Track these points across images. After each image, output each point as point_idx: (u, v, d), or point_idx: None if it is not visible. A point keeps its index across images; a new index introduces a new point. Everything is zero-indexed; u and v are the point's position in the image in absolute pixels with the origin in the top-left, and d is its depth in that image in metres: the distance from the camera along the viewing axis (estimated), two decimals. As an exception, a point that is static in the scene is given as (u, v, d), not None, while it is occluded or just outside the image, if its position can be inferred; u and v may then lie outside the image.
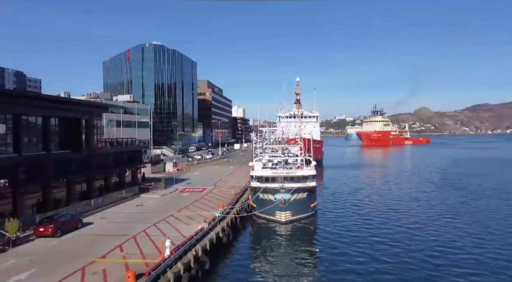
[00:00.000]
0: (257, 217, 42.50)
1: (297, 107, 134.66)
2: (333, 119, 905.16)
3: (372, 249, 31.72)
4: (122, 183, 46.36)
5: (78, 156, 37.28)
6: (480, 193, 58.83)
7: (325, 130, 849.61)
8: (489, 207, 47.95)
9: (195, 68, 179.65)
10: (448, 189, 62.95)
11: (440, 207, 48.63)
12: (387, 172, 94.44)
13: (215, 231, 30.77)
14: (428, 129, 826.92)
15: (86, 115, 39.02)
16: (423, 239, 34.41)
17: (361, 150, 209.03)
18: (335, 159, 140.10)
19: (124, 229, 30.43)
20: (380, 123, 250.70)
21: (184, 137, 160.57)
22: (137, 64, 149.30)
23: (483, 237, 34.58)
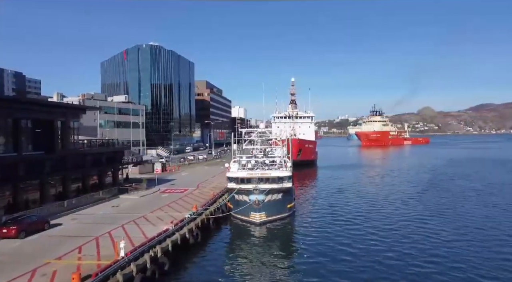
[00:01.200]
0: (234, 218, 42.71)
1: (292, 108, 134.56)
2: (336, 119, 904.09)
3: (348, 250, 31.90)
4: (101, 184, 46.55)
5: (52, 157, 37.52)
6: (462, 194, 58.64)
7: (328, 130, 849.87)
8: (466, 209, 47.81)
9: (193, 68, 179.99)
10: (432, 191, 62.72)
11: (420, 208, 48.54)
12: (377, 172, 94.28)
13: (180, 232, 30.92)
14: (431, 129, 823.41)
15: (62, 117, 39.31)
16: (399, 240, 34.45)
17: (359, 150, 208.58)
18: (331, 159, 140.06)
19: (90, 230, 30.64)
20: (379, 123, 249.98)
21: (181, 137, 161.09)
22: (133, 64, 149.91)
23: (454, 238, 34.54)
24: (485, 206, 49.54)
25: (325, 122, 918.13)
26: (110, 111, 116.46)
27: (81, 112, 43.78)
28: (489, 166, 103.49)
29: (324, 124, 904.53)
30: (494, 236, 35.23)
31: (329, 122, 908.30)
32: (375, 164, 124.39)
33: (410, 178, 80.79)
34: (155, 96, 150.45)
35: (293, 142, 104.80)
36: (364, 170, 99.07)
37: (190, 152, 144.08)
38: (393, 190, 64.21)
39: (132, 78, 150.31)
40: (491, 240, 33.97)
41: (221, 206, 43.52)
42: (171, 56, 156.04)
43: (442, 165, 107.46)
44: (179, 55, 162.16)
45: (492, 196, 56.70)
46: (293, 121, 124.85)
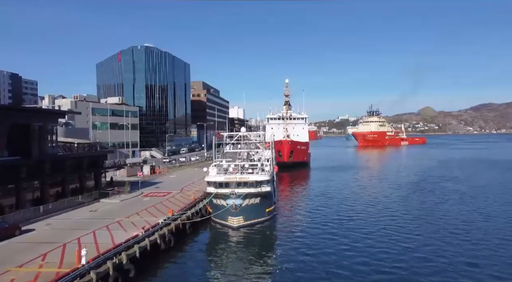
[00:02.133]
0: (213, 222, 42.80)
1: (286, 109, 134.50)
2: (336, 119, 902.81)
3: (325, 255, 32.14)
4: (82, 188, 46.64)
5: (28, 162, 37.58)
6: (442, 197, 58.61)
7: (328, 130, 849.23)
8: (442, 212, 47.96)
9: (188, 69, 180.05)
10: (412, 195, 62.15)
11: (399, 211, 48.71)
12: (366, 174, 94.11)
13: (150, 238, 30.94)
14: (431, 129, 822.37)
15: (39, 121, 39.38)
16: (375, 245, 34.57)
17: (355, 151, 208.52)
18: (325, 160, 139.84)
19: (60, 237, 30.69)
20: (375, 123, 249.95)
21: (177, 138, 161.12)
22: (128, 66, 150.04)
23: (429, 247, 34.47)
24: (462, 210, 49.49)
25: (325, 122, 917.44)
26: (103, 113, 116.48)
27: (60, 117, 43.90)
28: (478, 167, 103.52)
29: (325, 124, 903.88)
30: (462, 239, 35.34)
31: (329, 122, 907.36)
32: (366, 165, 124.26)
33: (396, 180, 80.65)
34: (150, 97, 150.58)
35: (285, 144, 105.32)
36: (354, 172, 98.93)
37: (185, 153, 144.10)
38: (376, 193, 64.09)
39: (127, 80, 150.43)
40: (463, 244, 34.05)
41: (201, 210, 43.56)
42: (166, 57, 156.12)
43: (431, 167, 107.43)
44: (174, 56, 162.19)
45: (470, 199, 56.78)
46: (287, 123, 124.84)
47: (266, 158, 69.13)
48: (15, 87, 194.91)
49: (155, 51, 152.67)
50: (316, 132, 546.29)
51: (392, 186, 71.79)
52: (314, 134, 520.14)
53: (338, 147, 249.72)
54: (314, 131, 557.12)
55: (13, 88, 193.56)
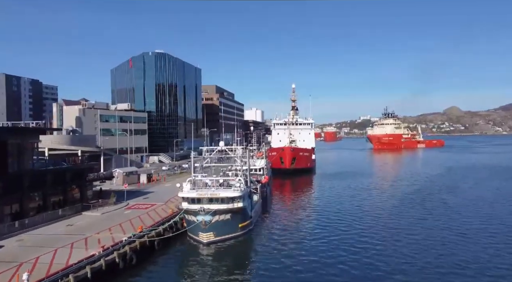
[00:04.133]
0: (188, 237, 43.24)
1: (293, 114, 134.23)
2: (358, 119, 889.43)
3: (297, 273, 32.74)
4: (66, 200, 48.05)
5: (4, 178, 39.08)
6: (439, 211, 56.73)
7: (349, 131, 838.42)
8: (434, 230, 46.43)
9: (199, 74, 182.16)
10: (410, 205, 61.09)
11: (392, 226, 47.95)
12: (369, 183, 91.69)
13: (107, 257, 31.56)
14: (457, 129, 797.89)
15: (17, 139, 40.94)
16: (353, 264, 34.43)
17: (369, 154, 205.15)
18: (334, 165, 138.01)
19: (22, 255, 31.70)
20: (391, 126, 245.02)
21: (187, 142, 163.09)
22: (139, 72, 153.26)
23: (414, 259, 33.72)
24: (452, 226, 47.92)
25: (347, 122, 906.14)
26: (111, 119, 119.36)
27: (40, 133, 45.49)
28: (491, 176, 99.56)
29: (346, 124, 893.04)
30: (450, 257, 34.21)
31: (350, 122, 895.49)
32: (374, 171, 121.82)
33: (398, 190, 78.22)
34: (160, 102, 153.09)
35: (286, 151, 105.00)
36: (359, 180, 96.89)
37: (195, 157, 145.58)
38: (371, 206, 62.31)
39: (138, 85, 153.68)
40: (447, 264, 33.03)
41: (176, 224, 44.05)
42: (176, 62, 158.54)
43: (435, 175, 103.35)
44: (184, 62, 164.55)
45: (464, 213, 54.87)
46: (292, 128, 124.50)
47: (259, 168, 69.85)
48: (36, 93, 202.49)
49: (165, 57, 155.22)
50: (335, 134, 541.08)
51: (391, 198, 69.56)
52: (333, 136, 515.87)
53: (352, 149, 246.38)
54: (334, 132, 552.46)
55: (34, 94, 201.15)
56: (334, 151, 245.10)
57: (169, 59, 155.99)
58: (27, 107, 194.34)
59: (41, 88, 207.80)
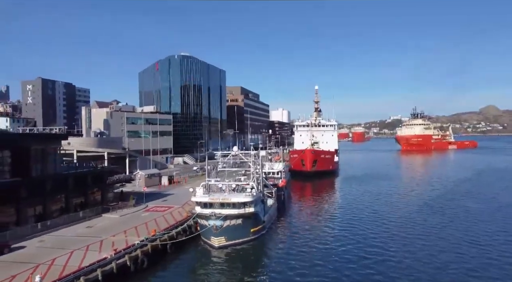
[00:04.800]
0: (201, 240, 44.13)
1: (316, 116, 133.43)
2: (388, 119, 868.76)
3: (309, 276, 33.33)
4: (87, 203, 50.13)
5: (28, 182, 41.34)
6: (458, 220, 54.58)
7: (379, 131, 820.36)
8: (448, 238, 45.00)
9: (224, 76, 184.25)
10: (431, 212, 59.19)
11: (411, 235, 46.34)
12: (393, 186, 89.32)
13: (118, 260, 32.79)
14: (495, 129, 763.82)
15: (40, 145, 43.17)
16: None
17: (396, 156, 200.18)
18: (359, 168, 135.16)
19: (41, 256, 33.48)
20: (420, 127, 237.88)
21: (214, 142, 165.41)
22: (164, 75, 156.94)
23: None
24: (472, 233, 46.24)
25: (376, 122, 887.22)
26: (138, 121, 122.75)
27: (62, 138, 47.76)
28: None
29: (375, 124, 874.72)
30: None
31: (380, 122, 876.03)
32: (399, 174, 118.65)
33: (421, 196, 75.38)
34: (185, 104, 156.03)
35: (307, 153, 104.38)
36: (382, 183, 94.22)
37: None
38: (392, 212, 60.07)
39: (164, 88, 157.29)
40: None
41: (190, 228, 45.02)
42: (201, 65, 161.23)
43: (466, 179, 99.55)
44: (208, 64, 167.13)
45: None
46: (315, 130, 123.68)
47: (277, 171, 70.03)
48: (69, 95, 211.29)
49: (190, 59, 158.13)
50: (363, 134, 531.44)
51: (408, 205, 66.44)
52: (361, 136, 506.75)
53: (380, 151, 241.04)
54: (362, 132, 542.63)
55: (67, 96, 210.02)
56: (360, 152, 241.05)
57: (193, 62, 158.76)
58: (61, 109, 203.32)
59: (74, 91, 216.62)
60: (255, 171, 49.39)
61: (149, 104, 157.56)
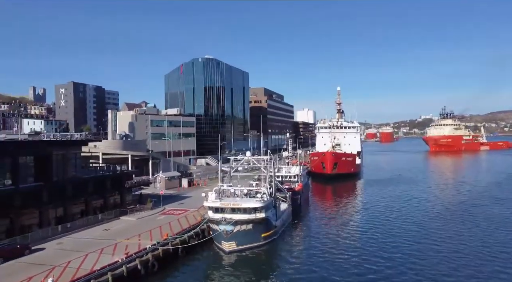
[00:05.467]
0: (214, 244, 44.94)
1: (339, 117, 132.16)
2: (418, 118, 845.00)
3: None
4: (106, 206, 52.12)
5: (50, 186, 43.52)
6: (479, 229, 52.74)
7: (409, 130, 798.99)
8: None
9: (247, 78, 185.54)
10: (452, 220, 57.31)
11: (431, 246, 44.61)
12: (413, 190, 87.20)
13: (129, 264, 33.98)
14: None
15: (61, 150, 45.36)
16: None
17: (424, 157, 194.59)
18: (383, 170, 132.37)
19: (58, 258, 35.21)
20: (449, 127, 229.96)
21: (235, 144, 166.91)
22: (189, 77, 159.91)
23: None
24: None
25: (406, 122, 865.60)
26: (161, 124, 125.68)
27: (82, 144, 49.93)
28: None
29: (405, 124, 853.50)
30: None
31: (410, 122, 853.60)
32: (425, 177, 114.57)
33: (444, 201, 72.99)
34: (208, 106, 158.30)
35: (328, 156, 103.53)
36: (405, 187, 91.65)
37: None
38: (411, 218, 58.39)
39: (188, 90, 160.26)
40: None
41: (203, 232, 45.91)
42: (224, 67, 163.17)
43: (493, 183, 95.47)
44: (231, 66, 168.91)
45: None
46: (337, 132, 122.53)
47: (293, 175, 70.06)
48: (99, 98, 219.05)
49: (213, 62, 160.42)
50: (391, 134, 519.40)
51: (429, 211, 63.90)
52: (389, 136, 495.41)
53: (407, 152, 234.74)
54: (390, 132, 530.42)
55: (97, 99, 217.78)
56: (386, 153, 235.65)
57: (217, 64, 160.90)
58: (91, 111, 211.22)
59: (104, 94, 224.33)
60: (267, 176, 49.77)
61: (174, 105, 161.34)
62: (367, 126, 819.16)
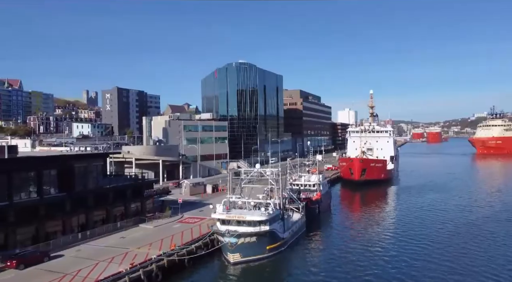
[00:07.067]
0: (222, 255, 46.34)
1: (371, 121, 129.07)
2: (471, 117, 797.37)
3: None
4: (127, 213, 55.32)
5: (72, 197, 47.18)
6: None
7: (460, 130, 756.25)
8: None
9: (281, 81, 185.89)
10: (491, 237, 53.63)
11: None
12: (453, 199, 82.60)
13: (132, 275, 36.17)
14: None
15: (82, 163, 48.97)
16: None
17: (470, 161, 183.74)
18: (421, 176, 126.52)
19: (71, 266, 38.12)
20: (499, 128, 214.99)
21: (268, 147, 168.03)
22: (222, 82, 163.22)
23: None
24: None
25: (457, 121, 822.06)
26: (194, 129, 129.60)
27: (104, 156, 53.44)
28: None
29: (456, 123, 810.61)
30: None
31: (462, 121, 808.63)
32: (467, 184, 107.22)
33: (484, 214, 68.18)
34: (241, 110, 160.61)
35: (355, 162, 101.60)
36: (442, 196, 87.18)
37: (274, 163, 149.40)
38: (442, 233, 55.12)
39: (222, 94, 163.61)
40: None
41: (212, 242, 47.42)
42: (257, 71, 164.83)
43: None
44: (264, 70, 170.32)
45: None
46: (369, 136, 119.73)
47: (312, 183, 69.91)
48: (141, 102, 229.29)
49: (246, 66, 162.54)
50: (439, 134, 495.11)
51: (466, 225, 59.55)
52: (437, 137, 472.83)
53: (452, 154, 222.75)
54: (438, 132, 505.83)
55: (140, 103, 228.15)
56: (430, 156, 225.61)
57: (250, 69, 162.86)
58: (134, 115, 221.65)
59: (146, 98, 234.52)
60: (275, 188, 50.45)
61: (209, 108, 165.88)
62: (415, 125, 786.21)
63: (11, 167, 41.82)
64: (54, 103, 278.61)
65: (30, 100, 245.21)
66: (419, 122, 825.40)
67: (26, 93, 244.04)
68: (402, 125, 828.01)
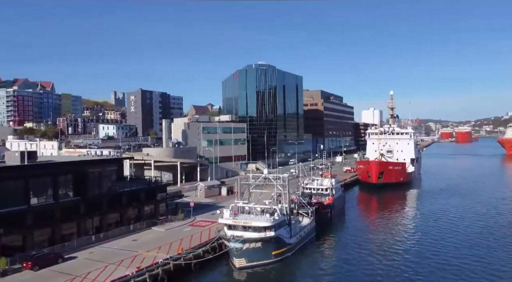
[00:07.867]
0: (229, 260, 47.13)
1: (391, 123, 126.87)
2: (504, 115, 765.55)
3: None
4: (140, 217, 57.08)
5: (86, 201, 49.25)
6: None
7: (493, 129, 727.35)
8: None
9: (301, 82, 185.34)
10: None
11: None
12: (476, 205, 79.50)
13: (137, 278, 37.48)
14: None
15: (96, 168, 51.00)
16: None
17: (498, 162, 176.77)
18: (445, 178, 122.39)
19: (82, 268, 39.85)
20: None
21: (287, 148, 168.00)
22: (242, 83, 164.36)
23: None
24: None
25: (489, 120, 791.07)
26: (213, 131, 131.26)
27: (117, 162, 55.31)
28: None
29: (488, 122, 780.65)
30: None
31: (494, 119, 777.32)
32: (490, 189, 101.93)
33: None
34: (261, 111, 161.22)
35: (372, 165, 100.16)
36: (465, 201, 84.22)
37: (293, 164, 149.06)
38: (459, 244, 52.66)
39: (241, 95, 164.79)
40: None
41: (221, 246, 48.30)
42: (277, 72, 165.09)
43: None
44: (284, 72, 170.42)
45: None
46: (389, 138, 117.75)
47: (325, 188, 69.70)
48: (164, 103, 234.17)
49: (266, 68, 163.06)
50: (469, 134, 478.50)
51: (488, 234, 56.65)
52: (467, 136, 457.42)
53: (481, 156, 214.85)
54: (467, 132, 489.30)
55: (163, 104, 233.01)
56: (457, 157, 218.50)
57: (269, 70, 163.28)
58: (157, 116, 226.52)
59: (169, 100, 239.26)
60: (283, 193, 50.79)
61: (230, 109, 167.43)
62: (443, 124, 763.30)
63: (28, 173, 44.13)
64: (83, 105, 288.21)
65: (60, 102, 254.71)
66: (449, 121, 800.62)
67: (56, 96, 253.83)
68: (430, 124, 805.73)
